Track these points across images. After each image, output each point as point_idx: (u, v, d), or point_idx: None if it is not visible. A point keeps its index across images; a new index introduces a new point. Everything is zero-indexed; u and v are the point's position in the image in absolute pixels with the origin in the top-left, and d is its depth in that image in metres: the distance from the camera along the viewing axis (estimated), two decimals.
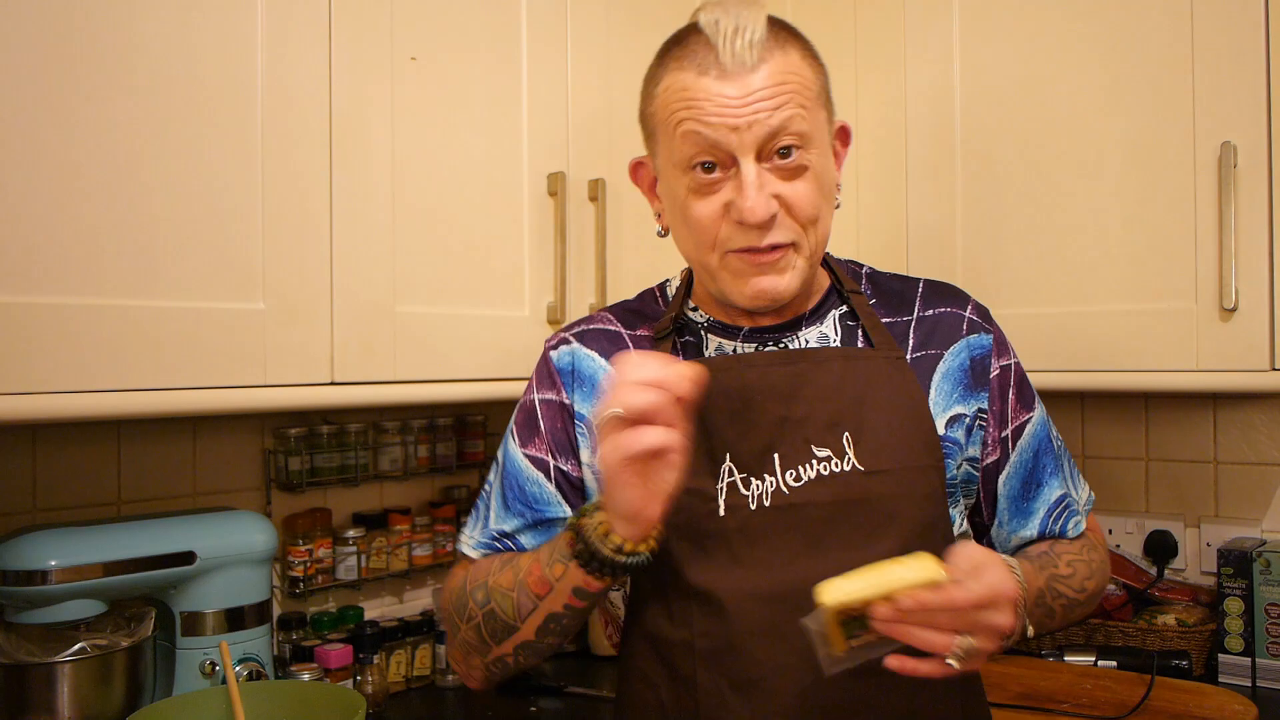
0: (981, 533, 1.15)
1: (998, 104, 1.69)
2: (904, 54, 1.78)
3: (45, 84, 1.09)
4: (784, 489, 1.01)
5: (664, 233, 1.10)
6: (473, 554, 1.11)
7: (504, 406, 1.59)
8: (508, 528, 1.10)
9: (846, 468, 1.01)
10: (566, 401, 1.10)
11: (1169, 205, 1.52)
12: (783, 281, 1.01)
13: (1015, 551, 1.14)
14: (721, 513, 1.01)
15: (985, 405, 1.09)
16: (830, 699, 0.98)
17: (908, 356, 1.08)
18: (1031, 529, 1.13)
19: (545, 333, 1.55)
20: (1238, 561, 1.67)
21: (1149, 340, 1.53)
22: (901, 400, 1.05)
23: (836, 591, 0.87)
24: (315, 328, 1.30)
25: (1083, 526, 1.15)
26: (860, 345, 1.08)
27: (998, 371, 1.11)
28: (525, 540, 1.09)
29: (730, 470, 1.02)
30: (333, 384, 1.32)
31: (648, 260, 1.70)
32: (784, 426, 1.02)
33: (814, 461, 1.02)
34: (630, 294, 1.22)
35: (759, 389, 1.03)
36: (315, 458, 1.70)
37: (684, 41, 1.00)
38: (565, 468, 1.09)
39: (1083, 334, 1.59)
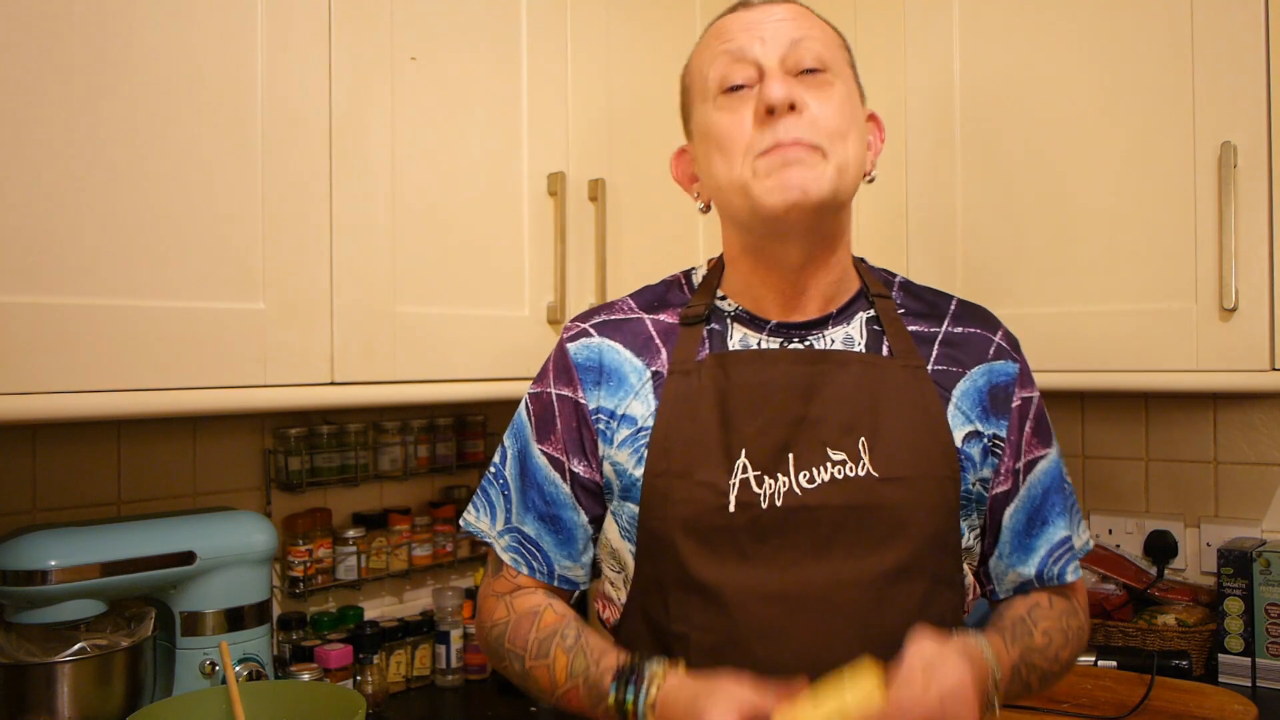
0: (983, 559, 1.13)
1: (997, 104, 1.69)
2: (904, 53, 1.78)
3: (45, 84, 1.09)
4: (796, 490, 1.01)
5: (706, 209, 1.11)
6: (504, 556, 1.12)
7: (504, 406, 1.58)
8: (529, 529, 1.11)
9: (861, 472, 1.01)
10: (582, 401, 1.09)
11: (1169, 205, 1.52)
12: (812, 176, 0.98)
13: (1011, 590, 1.12)
14: (732, 509, 1.01)
15: (1003, 433, 1.08)
16: None
17: (929, 367, 1.07)
18: (1030, 567, 1.10)
19: (545, 332, 1.56)
20: (1238, 561, 1.67)
21: (1149, 340, 1.53)
22: (919, 409, 1.04)
23: None
24: (315, 328, 1.30)
25: (1080, 573, 1.13)
26: (884, 351, 1.07)
27: (1019, 402, 1.09)
28: (548, 546, 1.11)
29: (745, 466, 1.02)
30: (333, 384, 1.32)
31: (648, 260, 1.70)
32: (801, 426, 1.02)
33: (829, 464, 1.01)
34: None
35: (780, 386, 1.03)
36: (315, 458, 1.70)
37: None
38: (578, 470, 1.09)
39: (1083, 334, 1.59)
